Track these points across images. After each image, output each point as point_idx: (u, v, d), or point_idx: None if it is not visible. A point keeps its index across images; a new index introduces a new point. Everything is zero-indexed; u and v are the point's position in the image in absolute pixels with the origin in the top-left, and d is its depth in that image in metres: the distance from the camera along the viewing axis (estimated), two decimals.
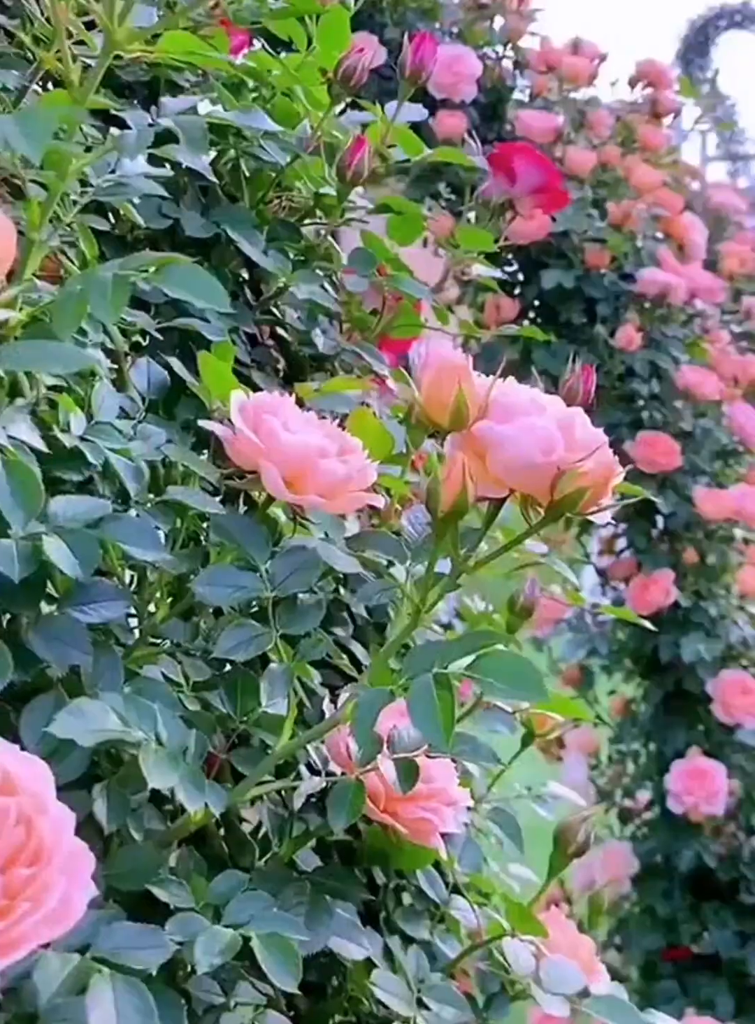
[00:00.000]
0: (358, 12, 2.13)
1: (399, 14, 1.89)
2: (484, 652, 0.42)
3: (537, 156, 0.91)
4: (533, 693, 0.41)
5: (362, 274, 0.81)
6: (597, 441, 0.46)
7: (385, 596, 0.49)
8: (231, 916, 0.45)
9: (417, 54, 0.83)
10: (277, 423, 0.48)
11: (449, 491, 0.43)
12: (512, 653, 0.42)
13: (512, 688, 0.41)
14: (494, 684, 0.41)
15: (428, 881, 0.70)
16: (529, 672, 0.41)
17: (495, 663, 0.41)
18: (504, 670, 0.41)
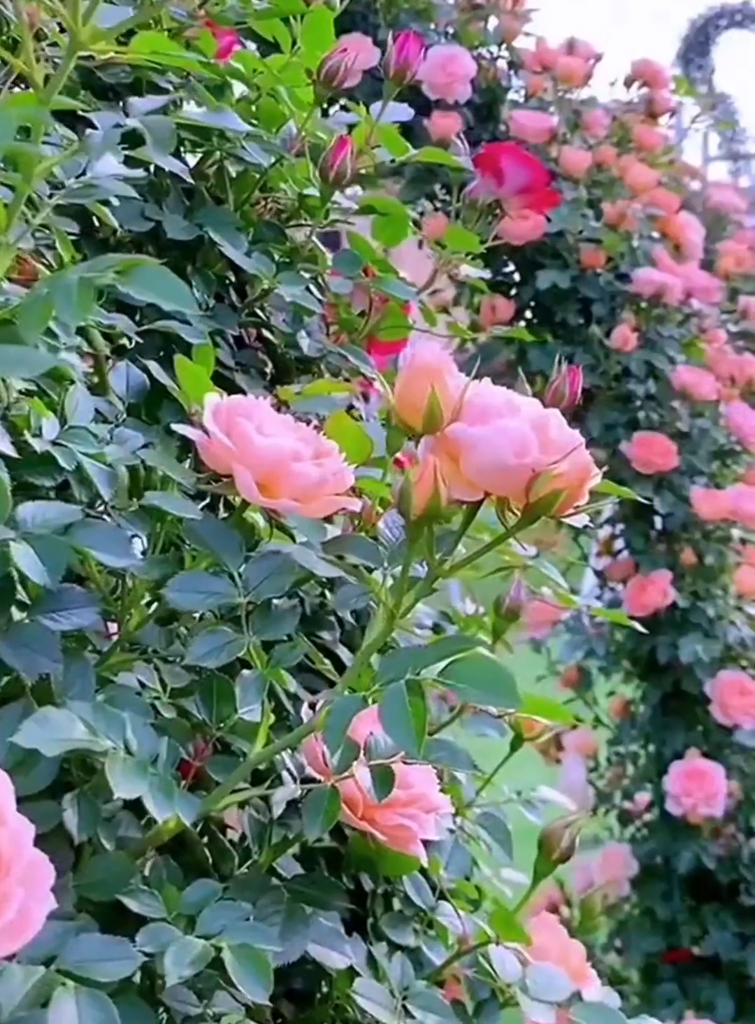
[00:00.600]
0: (351, 13, 2.13)
1: (393, 15, 1.88)
2: (458, 657, 0.41)
3: (524, 156, 0.91)
4: (506, 699, 0.40)
5: (347, 276, 0.81)
6: (572, 443, 0.45)
7: (363, 600, 0.48)
8: (204, 926, 0.44)
9: (402, 53, 0.82)
10: (250, 426, 0.47)
11: (421, 494, 0.43)
12: (486, 658, 0.41)
13: (485, 693, 0.40)
14: (467, 689, 0.41)
15: (414, 887, 0.70)
16: (502, 677, 0.40)
17: (469, 668, 0.41)
18: (477, 675, 0.41)
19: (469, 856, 0.73)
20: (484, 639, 0.43)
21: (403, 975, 0.64)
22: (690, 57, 16.78)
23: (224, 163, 0.87)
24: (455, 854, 0.73)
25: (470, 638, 0.43)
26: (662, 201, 1.91)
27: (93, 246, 0.78)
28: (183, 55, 0.60)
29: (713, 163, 14.93)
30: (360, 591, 0.48)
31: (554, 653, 2.05)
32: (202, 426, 0.49)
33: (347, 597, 0.49)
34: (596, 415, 1.76)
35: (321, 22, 0.83)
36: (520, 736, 0.80)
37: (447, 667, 0.41)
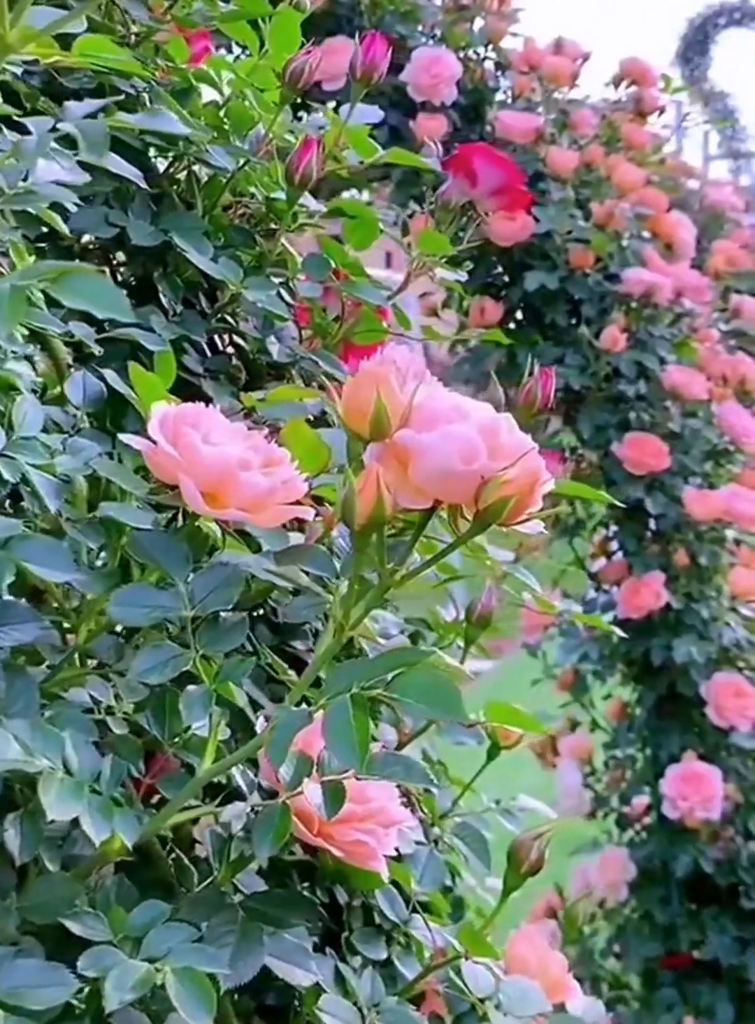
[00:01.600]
0: (336, 16, 2.12)
1: (377, 17, 1.87)
2: (403, 670, 0.40)
3: (497, 157, 0.90)
4: (451, 712, 0.39)
5: (316, 280, 0.80)
6: (523, 448, 0.44)
7: (313, 612, 0.47)
8: (149, 948, 0.43)
9: (368, 54, 0.81)
10: (196, 435, 0.46)
11: (364, 503, 0.42)
12: (432, 671, 0.40)
13: (429, 707, 0.39)
14: (412, 703, 0.39)
15: (387, 900, 0.69)
16: (447, 690, 0.39)
17: (414, 681, 0.40)
18: (422, 689, 0.40)
19: (444, 867, 0.72)
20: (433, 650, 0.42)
21: (373, 991, 0.63)
22: (689, 56, 16.76)
23: (193, 168, 0.86)
24: (429, 865, 0.72)
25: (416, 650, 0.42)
26: (651, 200, 1.90)
27: (57, 253, 0.77)
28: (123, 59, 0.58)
29: (714, 162, 14.82)
30: (311, 602, 0.47)
31: (550, 657, 2.04)
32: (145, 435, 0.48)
33: (298, 608, 0.48)
34: (587, 416, 1.75)
35: (287, 24, 0.82)
36: (497, 744, 0.79)
37: (393, 680, 0.40)
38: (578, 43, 2.02)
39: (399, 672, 0.40)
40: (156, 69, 0.85)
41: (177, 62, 0.86)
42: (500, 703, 0.66)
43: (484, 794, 0.84)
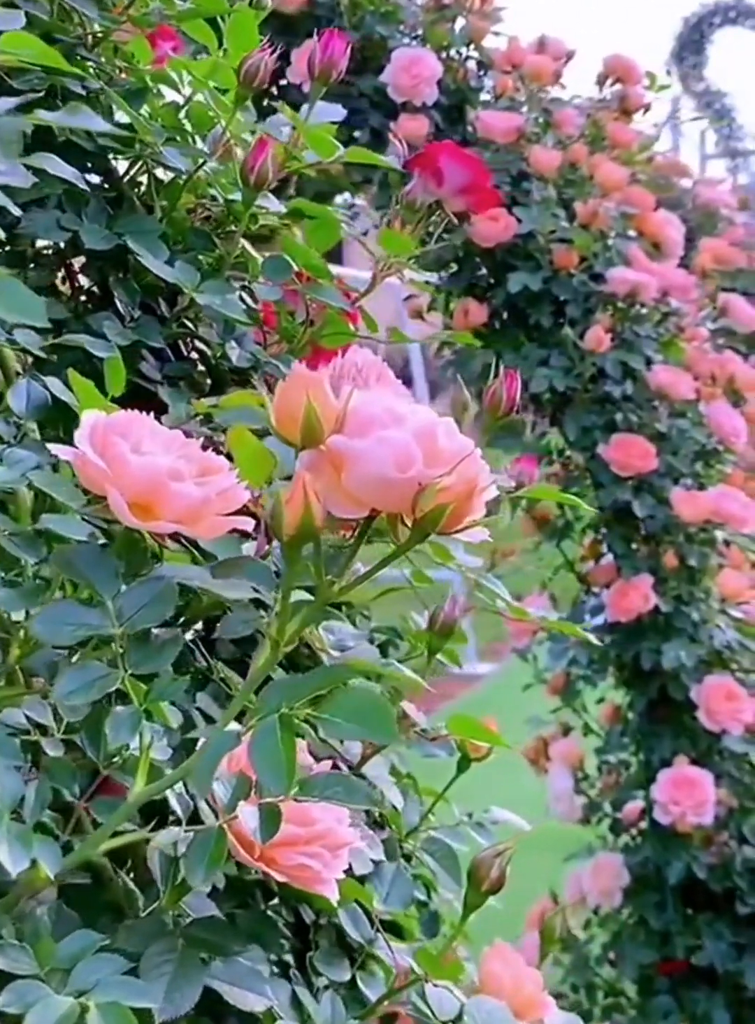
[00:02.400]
0: (315, 17, 2.10)
1: (357, 18, 1.86)
2: (333, 689, 0.38)
3: (464, 155, 0.88)
4: (381, 732, 0.37)
5: (276, 282, 0.78)
6: (463, 453, 0.42)
7: (249, 627, 0.45)
8: (76, 981, 0.41)
9: (326, 52, 0.80)
10: (124, 445, 0.44)
11: (292, 513, 0.40)
12: (363, 689, 0.38)
13: (360, 727, 0.37)
14: (340, 724, 0.38)
15: (351, 920, 0.67)
16: (379, 709, 0.38)
17: (343, 701, 0.38)
18: (353, 708, 0.38)
19: (411, 885, 0.70)
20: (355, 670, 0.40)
21: (334, 1014, 0.61)
22: (685, 55, 16.74)
23: (154, 170, 0.85)
24: (396, 883, 0.70)
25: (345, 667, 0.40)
26: (637, 199, 1.88)
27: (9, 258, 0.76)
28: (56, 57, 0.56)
29: (711, 161, 14.84)
30: (247, 617, 0.45)
31: (541, 661, 2.02)
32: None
33: (233, 624, 0.46)
34: (573, 418, 1.73)
35: (245, 22, 0.80)
36: (467, 757, 0.77)
37: (323, 699, 0.38)
38: (562, 41, 2.01)
39: (331, 691, 0.38)
40: (114, 70, 0.84)
41: (141, 63, 0.85)
42: (462, 716, 0.65)
43: (482, 799, 0.82)
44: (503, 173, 1.79)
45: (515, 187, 1.83)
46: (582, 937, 1.97)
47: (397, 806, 0.69)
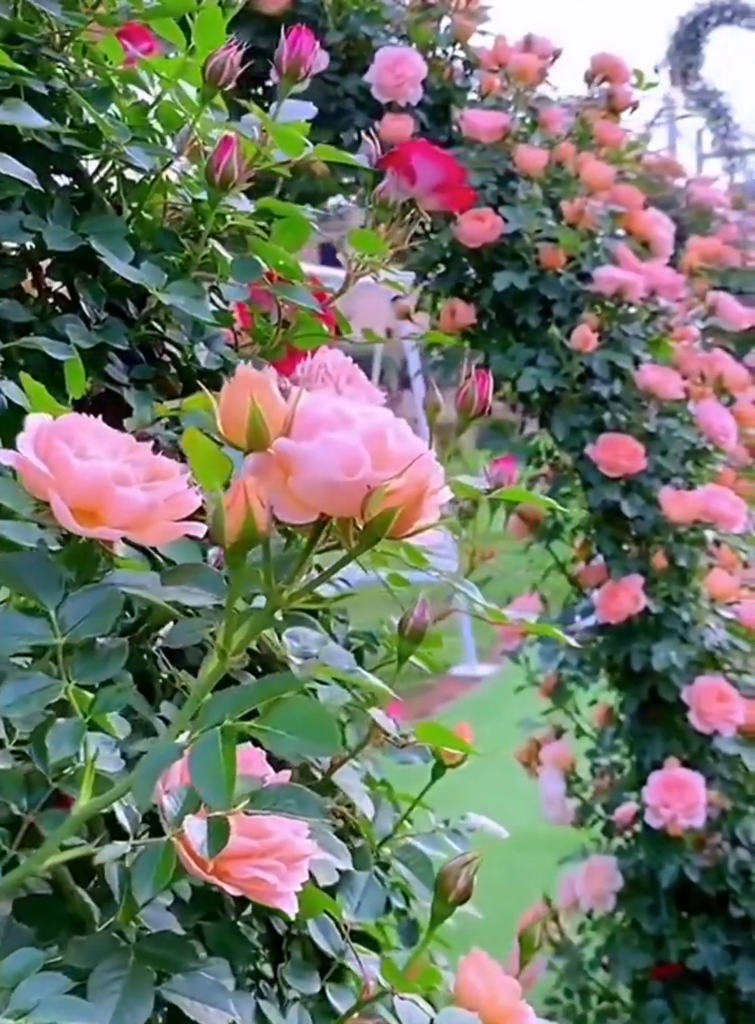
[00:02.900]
0: (299, 17, 2.08)
1: (342, 18, 1.85)
2: (277, 700, 0.37)
3: (437, 154, 0.87)
4: (325, 744, 0.36)
5: (243, 283, 0.77)
6: (413, 455, 0.41)
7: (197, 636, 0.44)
8: (18, 1001, 0.40)
9: (294, 48, 0.78)
10: (68, 450, 0.43)
11: (233, 519, 0.39)
12: (306, 701, 0.37)
13: (302, 739, 0.36)
14: (284, 736, 0.36)
15: (321, 931, 0.66)
16: (322, 721, 0.36)
17: (287, 712, 0.37)
18: (295, 720, 0.37)
19: (383, 895, 0.69)
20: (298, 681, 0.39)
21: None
22: (680, 54, 16.71)
23: (124, 171, 0.84)
24: (368, 893, 0.69)
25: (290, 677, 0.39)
26: (625, 197, 1.87)
27: None
28: None
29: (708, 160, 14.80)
30: (196, 625, 0.44)
31: (533, 663, 2.00)
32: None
33: (181, 633, 0.45)
34: (561, 418, 1.72)
35: (212, 20, 0.79)
36: (441, 763, 0.76)
37: (265, 711, 0.37)
38: (548, 40, 2.00)
39: (273, 703, 0.37)
40: (84, 70, 0.83)
41: (113, 63, 0.84)
42: (430, 724, 0.63)
43: (482, 800, 0.81)
44: (489, 172, 1.78)
45: (502, 186, 1.82)
46: (576, 941, 1.96)
47: (368, 815, 0.68)
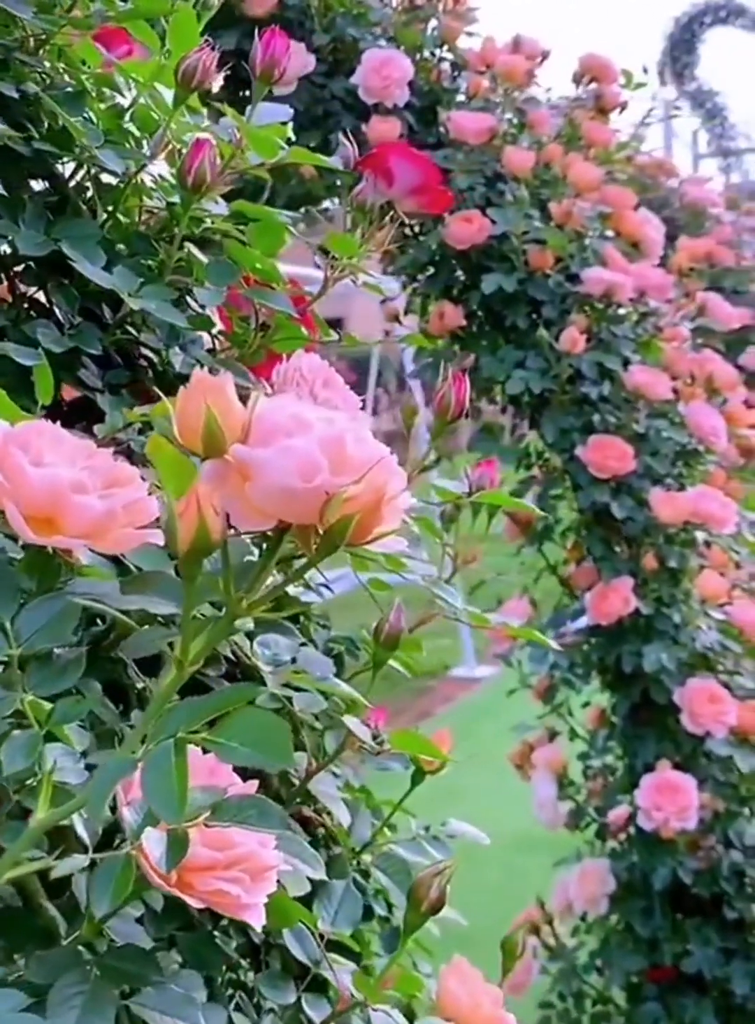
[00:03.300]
0: (286, 20, 2.07)
1: (328, 20, 1.84)
2: (230, 712, 0.36)
3: (414, 155, 0.87)
4: (277, 756, 0.35)
5: (219, 287, 0.76)
6: (373, 460, 0.40)
7: (156, 646, 0.44)
8: None
9: (267, 51, 0.78)
10: (22, 457, 0.43)
11: (186, 527, 0.38)
12: (260, 712, 0.36)
13: (255, 751, 0.36)
14: (237, 748, 0.36)
15: (296, 940, 0.65)
16: (276, 734, 0.36)
17: (240, 724, 0.36)
18: (249, 732, 0.36)
19: (361, 903, 0.69)
20: (258, 689, 0.38)
21: None
22: (676, 54, 16.71)
23: (100, 174, 0.83)
24: (346, 902, 0.68)
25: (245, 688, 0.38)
26: (613, 198, 1.86)
27: None
28: None
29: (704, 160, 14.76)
30: (155, 635, 0.44)
31: (526, 666, 2.00)
32: None
33: (140, 643, 0.45)
34: (550, 420, 1.71)
35: (186, 22, 0.79)
36: (421, 770, 0.75)
37: (218, 723, 0.36)
38: (537, 41, 1.99)
39: (227, 714, 0.36)
40: (59, 74, 0.82)
41: (92, 66, 0.83)
42: (404, 732, 0.63)
43: (481, 802, 0.80)
44: (477, 174, 1.77)
45: (490, 188, 1.81)
46: (571, 945, 1.95)
47: (344, 823, 0.67)
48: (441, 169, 1.82)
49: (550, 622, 1.79)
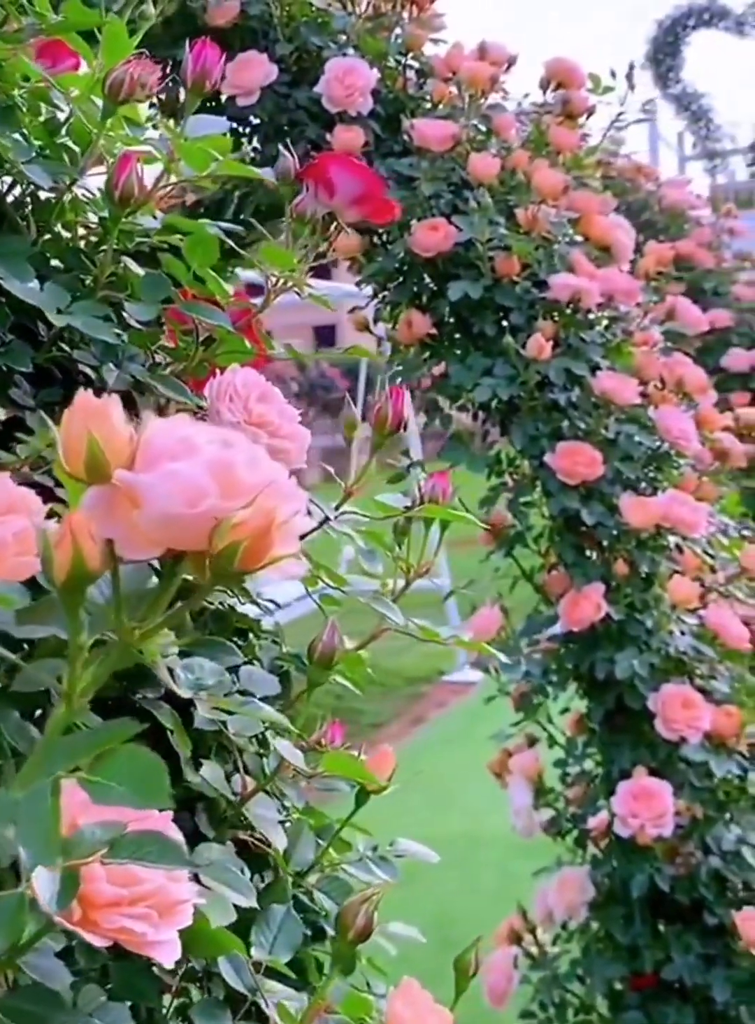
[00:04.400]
0: (250, 30, 2.06)
1: (291, 29, 1.84)
2: (106, 750, 0.35)
3: (355, 166, 0.86)
4: (153, 797, 0.34)
5: (151, 302, 0.75)
6: (265, 483, 0.39)
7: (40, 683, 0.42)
8: None
9: (199, 62, 0.77)
10: None
11: (62, 556, 0.37)
12: (138, 752, 0.35)
13: (132, 791, 0.34)
14: (113, 789, 0.34)
15: (233, 968, 0.64)
16: (153, 775, 0.35)
17: (116, 764, 0.35)
18: (125, 772, 0.35)
19: (302, 927, 0.67)
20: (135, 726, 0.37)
21: None
22: (660, 58, 16.72)
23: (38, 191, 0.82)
24: (286, 926, 0.67)
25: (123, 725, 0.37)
26: (581, 203, 1.86)
27: None
28: None
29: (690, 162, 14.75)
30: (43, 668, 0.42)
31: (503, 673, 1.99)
32: None
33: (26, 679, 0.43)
34: (519, 426, 1.70)
35: (117, 34, 0.78)
36: (364, 790, 0.74)
37: (94, 762, 0.35)
38: (503, 47, 1.99)
39: (104, 752, 0.35)
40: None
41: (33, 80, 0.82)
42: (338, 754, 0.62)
43: (473, 807, 0.78)
44: (442, 182, 1.76)
45: (457, 196, 1.80)
46: (551, 953, 1.94)
47: (279, 847, 0.66)
48: (407, 177, 1.82)
49: (523, 630, 1.78)
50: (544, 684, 1.73)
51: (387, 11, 1.89)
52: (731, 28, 16.40)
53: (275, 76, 1.77)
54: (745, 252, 3.96)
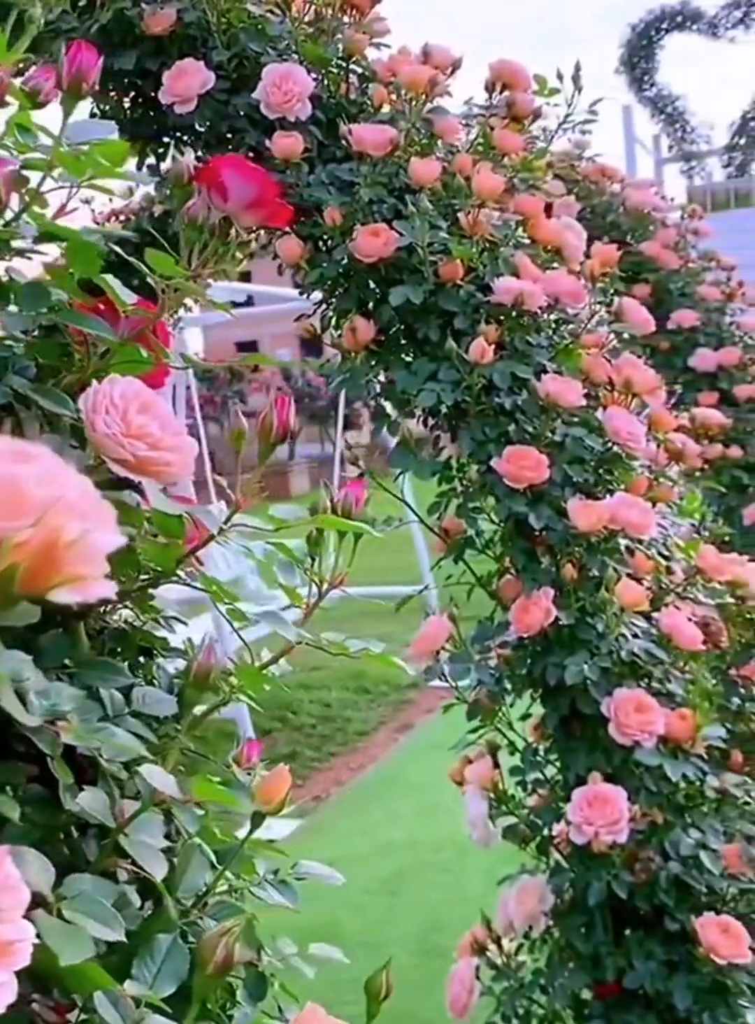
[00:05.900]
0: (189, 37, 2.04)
1: (230, 36, 1.82)
2: None
3: (249, 169, 0.84)
4: None
5: (28, 312, 0.73)
6: (55, 499, 0.37)
7: None
8: None
9: (74, 64, 0.75)
10: None
11: None
12: None
13: None
14: None
15: (110, 1003, 0.61)
16: None
17: None
18: None
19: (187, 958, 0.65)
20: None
21: None
22: (634, 61, 16.78)
23: None
24: (171, 957, 0.65)
25: None
26: (526, 206, 1.84)
27: None
28: None
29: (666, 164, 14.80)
30: None
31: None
32: None
33: None
34: (467, 431, 1.68)
35: None
36: (259, 812, 0.72)
37: None
38: (447, 50, 1.97)
39: None
40: None
41: None
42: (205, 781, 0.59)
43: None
44: (381, 187, 1.75)
45: (399, 200, 1.79)
46: (515, 962, 1.91)
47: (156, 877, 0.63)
48: (348, 182, 1.80)
49: (475, 637, 1.76)
50: (498, 691, 1.71)
51: (326, 16, 1.88)
52: (704, 31, 16.48)
53: (213, 83, 1.75)
54: (710, 252, 3.96)
